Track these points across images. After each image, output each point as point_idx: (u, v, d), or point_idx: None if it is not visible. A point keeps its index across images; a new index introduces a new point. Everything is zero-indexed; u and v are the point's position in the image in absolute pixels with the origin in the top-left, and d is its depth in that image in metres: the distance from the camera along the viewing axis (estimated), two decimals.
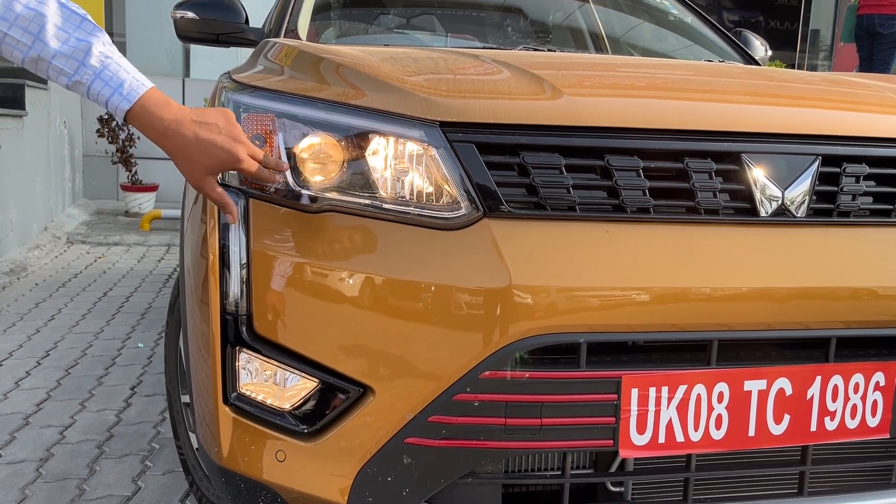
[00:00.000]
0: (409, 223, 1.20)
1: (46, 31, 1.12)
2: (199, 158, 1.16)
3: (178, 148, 1.16)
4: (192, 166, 1.17)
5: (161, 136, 1.16)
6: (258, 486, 1.28)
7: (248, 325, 1.25)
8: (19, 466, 2.11)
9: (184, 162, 1.17)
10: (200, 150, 1.15)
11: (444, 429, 1.17)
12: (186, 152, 1.16)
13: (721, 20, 10.30)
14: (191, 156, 1.16)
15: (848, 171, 1.27)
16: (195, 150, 1.15)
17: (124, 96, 1.14)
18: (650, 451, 1.21)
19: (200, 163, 1.16)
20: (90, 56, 1.14)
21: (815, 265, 1.24)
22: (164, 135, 1.16)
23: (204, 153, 1.15)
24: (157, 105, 1.16)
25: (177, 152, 1.16)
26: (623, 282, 1.18)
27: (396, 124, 1.21)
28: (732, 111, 1.27)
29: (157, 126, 1.16)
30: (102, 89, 1.14)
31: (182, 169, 1.18)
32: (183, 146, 1.16)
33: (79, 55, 1.13)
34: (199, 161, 1.16)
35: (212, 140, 1.15)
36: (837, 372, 1.25)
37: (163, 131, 1.16)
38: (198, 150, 1.15)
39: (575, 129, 1.20)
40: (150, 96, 1.16)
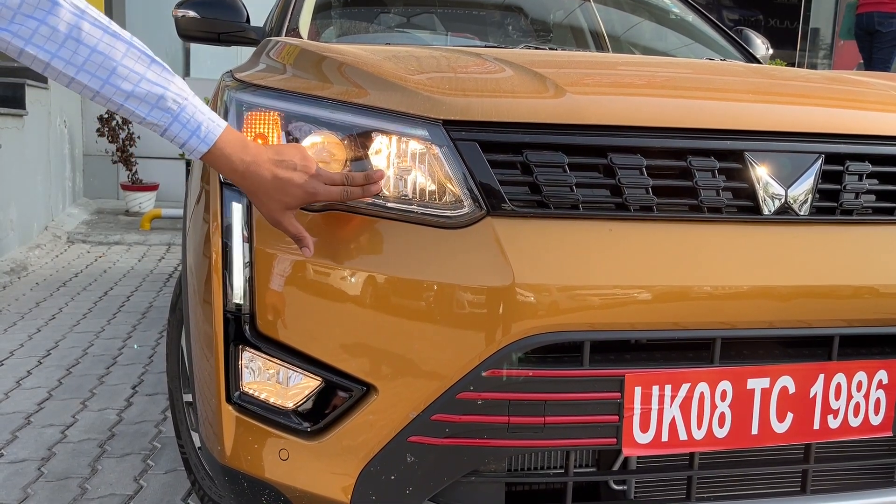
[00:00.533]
0: (412, 222, 1.20)
1: (118, 75, 1.10)
2: (278, 196, 1.16)
3: (257, 187, 1.16)
4: (271, 204, 1.17)
5: (240, 177, 1.17)
6: (261, 484, 1.28)
7: (251, 324, 1.25)
8: (21, 465, 2.11)
9: (262, 200, 1.17)
10: (278, 188, 1.16)
11: (447, 427, 1.17)
12: (264, 191, 1.16)
13: (721, 19, 10.30)
14: (269, 194, 1.16)
15: (851, 170, 1.27)
16: (273, 189, 1.16)
17: (202, 139, 1.14)
18: (653, 450, 1.21)
19: (280, 200, 1.16)
20: (165, 99, 1.13)
21: (818, 263, 1.24)
22: (243, 175, 1.16)
23: (282, 191, 1.16)
24: (233, 146, 1.16)
25: (255, 191, 1.17)
26: (626, 280, 1.17)
27: (399, 123, 1.21)
28: (735, 109, 1.27)
29: (236, 167, 1.16)
30: (180, 132, 1.14)
31: (260, 207, 1.19)
32: (261, 185, 1.16)
33: (152, 99, 1.12)
34: (277, 199, 1.16)
35: (289, 178, 1.16)
36: (840, 370, 1.25)
37: (242, 172, 1.16)
38: (275, 188, 1.16)
39: (578, 128, 1.20)
40: (226, 138, 1.16)
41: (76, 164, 6.47)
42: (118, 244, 5.35)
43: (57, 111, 5.82)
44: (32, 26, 1.05)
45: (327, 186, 1.17)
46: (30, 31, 1.05)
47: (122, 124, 6.18)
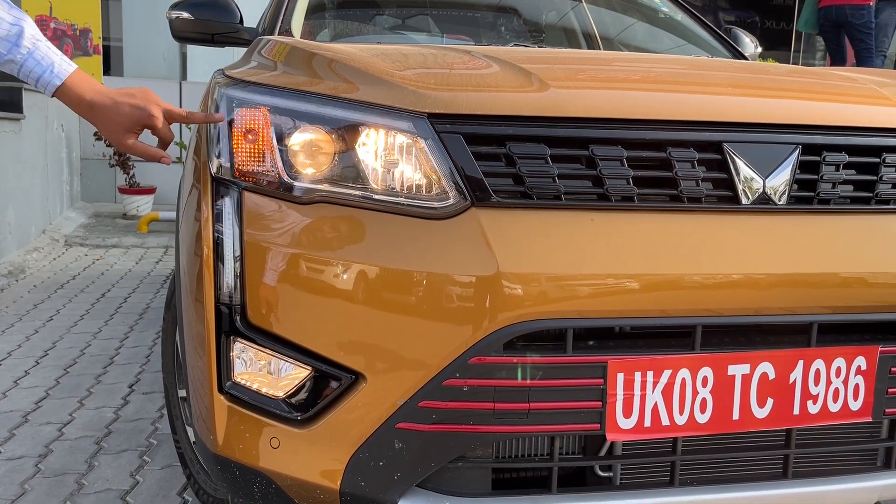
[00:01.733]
0: (398, 213, 1.23)
1: None
2: (118, 118, 1.33)
3: (102, 113, 1.33)
4: (113, 126, 1.34)
5: (88, 106, 1.33)
6: (253, 472, 1.30)
7: (242, 315, 1.28)
8: (18, 462, 2.13)
9: (106, 124, 1.34)
10: (118, 110, 1.33)
11: (434, 414, 1.20)
12: (108, 115, 1.33)
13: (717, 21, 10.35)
14: (110, 117, 1.33)
15: (828, 160, 1.29)
16: (114, 112, 1.33)
17: (55, 74, 1.31)
18: (636, 435, 1.24)
19: (119, 122, 1.33)
20: (22, 38, 1.29)
21: (796, 252, 1.26)
22: (91, 105, 1.33)
23: (122, 114, 1.33)
24: (83, 82, 1.34)
25: (101, 117, 1.33)
26: (608, 269, 1.20)
27: (385, 116, 1.24)
28: (714, 101, 1.30)
29: (84, 98, 1.33)
30: (35, 67, 1.30)
31: (106, 132, 1.35)
32: (104, 110, 1.33)
33: (11, 38, 1.28)
34: (118, 121, 1.33)
35: (127, 101, 1.33)
36: (819, 356, 1.28)
37: (90, 101, 1.33)
38: (116, 110, 1.33)
39: (560, 120, 1.23)
40: (77, 75, 1.34)
41: (74, 167, 6.50)
42: (116, 247, 5.37)
43: (54, 115, 5.85)
44: None
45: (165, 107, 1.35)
46: None
47: None
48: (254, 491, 1.32)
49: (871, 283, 1.28)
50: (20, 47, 1.29)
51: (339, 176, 1.26)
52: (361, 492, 1.24)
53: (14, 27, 1.29)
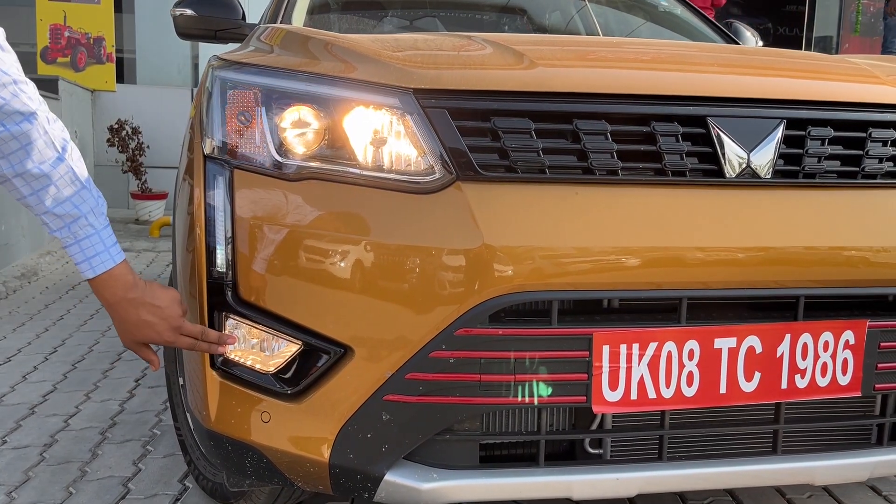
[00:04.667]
0: (385, 188, 1.24)
1: (47, 192, 1.25)
2: (136, 334, 1.35)
3: (122, 321, 1.34)
4: (128, 337, 1.36)
5: (110, 308, 1.34)
6: (245, 447, 1.32)
7: (234, 291, 1.30)
8: (23, 451, 2.16)
9: (122, 330, 1.36)
10: (139, 328, 1.34)
11: (421, 385, 1.21)
12: (126, 326, 1.34)
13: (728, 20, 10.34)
14: (130, 330, 1.35)
15: (813, 135, 1.30)
16: (134, 327, 1.34)
17: (92, 267, 1.29)
18: (623, 408, 1.24)
19: (136, 337, 1.35)
20: (76, 224, 1.27)
21: (781, 226, 1.27)
22: (113, 308, 1.33)
23: (140, 331, 1.34)
24: (116, 281, 1.31)
25: (119, 322, 1.35)
26: (593, 242, 1.21)
27: (372, 92, 1.26)
28: (698, 77, 1.31)
29: (109, 300, 1.32)
30: (76, 254, 1.29)
31: (119, 333, 1.37)
32: (126, 320, 1.34)
33: (67, 219, 1.27)
34: (134, 335, 1.35)
35: (151, 324, 1.33)
36: (807, 330, 1.28)
37: (113, 305, 1.33)
38: (136, 327, 1.34)
39: (544, 95, 1.24)
40: (114, 273, 1.31)
41: None
42: (128, 251, 5.42)
43: (67, 122, 5.93)
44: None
45: (180, 336, 1.33)
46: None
47: (131, 135, 6.28)
48: (246, 466, 1.34)
49: (858, 258, 1.29)
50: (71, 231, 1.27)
51: (328, 152, 1.28)
52: (350, 464, 1.26)
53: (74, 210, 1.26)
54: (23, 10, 6.83)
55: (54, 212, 1.26)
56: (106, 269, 1.30)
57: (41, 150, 1.22)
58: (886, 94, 1.36)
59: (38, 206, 1.25)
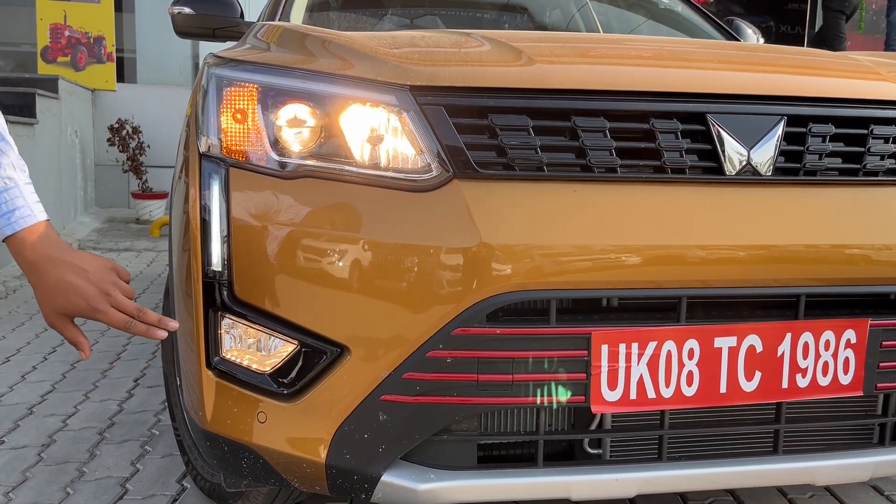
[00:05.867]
0: (382, 186, 1.23)
1: None
2: (57, 299, 1.16)
3: (41, 282, 1.17)
4: (48, 304, 1.17)
5: (28, 266, 1.17)
6: (241, 448, 1.31)
7: (230, 290, 1.29)
8: (21, 451, 2.15)
9: (41, 297, 1.18)
10: (61, 291, 1.15)
11: (417, 385, 1.20)
12: (46, 289, 1.17)
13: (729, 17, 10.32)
14: (50, 294, 1.16)
15: (814, 131, 1.29)
16: (56, 290, 1.16)
17: (10, 222, 1.17)
18: (622, 407, 1.23)
19: (57, 303, 1.16)
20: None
21: (782, 223, 1.26)
22: (31, 265, 1.17)
23: (64, 296, 1.16)
24: (38, 238, 1.18)
25: (39, 286, 1.17)
26: (591, 240, 1.20)
27: (368, 90, 1.25)
28: (697, 74, 1.30)
29: (29, 256, 1.17)
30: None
31: (39, 302, 1.19)
32: (46, 282, 1.16)
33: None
34: (56, 301, 1.16)
35: (76, 286, 1.15)
36: (808, 329, 1.27)
37: (32, 262, 1.17)
38: (58, 290, 1.16)
39: (541, 92, 1.23)
40: (36, 229, 1.18)
41: (87, 173, 6.57)
42: (128, 250, 5.42)
43: (68, 121, 5.93)
44: None
45: (113, 310, 1.16)
46: None
47: (132, 134, 6.28)
48: (242, 467, 1.33)
49: (860, 256, 1.27)
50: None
51: (324, 150, 1.27)
52: (347, 465, 1.24)
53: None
54: (23, 10, 6.82)
55: None
56: (27, 225, 1.16)
57: None
58: (888, 90, 1.34)
59: None
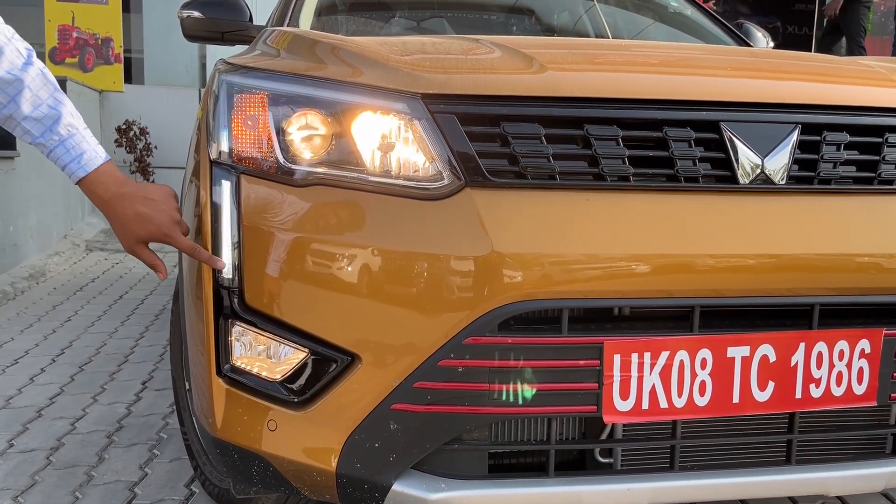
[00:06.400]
0: (393, 194, 1.23)
1: (23, 96, 1.26)
2: (134, 229, 1.29)
3: (119, 216, 1.30)
4: (127, 234, 1.31)
5: (105, 205, 1.30)
6: (251, 455, 1.30)
7: (240, 298, 1.29)
8: (30, 455, 2.15)
9: (120, 229, 1.31)
10: (137, 222, 1.29)
11: (429, 395, 1.19)
12: (123, 222, 1.30)
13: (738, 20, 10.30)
14: (126, 225, 1.30)
15: (828, 140, 1.28)
16: (132, 221, 1.29)
17: (81, 165, 1.29)
18: (634, 417, 1.22)
19: (134, 232, 1.30)
20: (58, 124, 1.28)
21: (795, 232, 1.25)
22: (108, 203, 1.30)
23: (139, 225, 1.29)
24: (108, 177, 1.30)
25: (116, 220, 1.31)
26: (603, 249, 1.19)
27: (380, 98, 1.24)
28: (711, 81, 1.29)
29: (102, 195, 1.30)
30: (63, 155, 1.28)
31: (118, 234, 1.32)
32: (123, 216, 1.30)
33: (47, 121, 1.27)
34: (133, 231, 1.30)
35: (148, 215, 1.29)
36: (821, 339, 1.26)
37: (108, 200, 1.30)
38: (135, 221, 1.29)
39: (554, 100, 1.22)
40: (104, 169, 1.31)
41: None
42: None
43: None
44: None
45: (181, 235, 1.30)
46: None
47: (139, 135, 6.29)
48: (252, 474, 1.33)
49: (875, 265, 1.26)
50: (53, 133, 1.28)
51: (335, 158, 1.26)
52: (357, 473, 1.24)
53: (52, 111, 1.28)
54: (31, 11, 6.84)
55: (33, 116, 1.26)
56: (96, 167, 1.28)
57: (9, 57, 1.24)
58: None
59: (17, 114, 1.25)
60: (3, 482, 1.98)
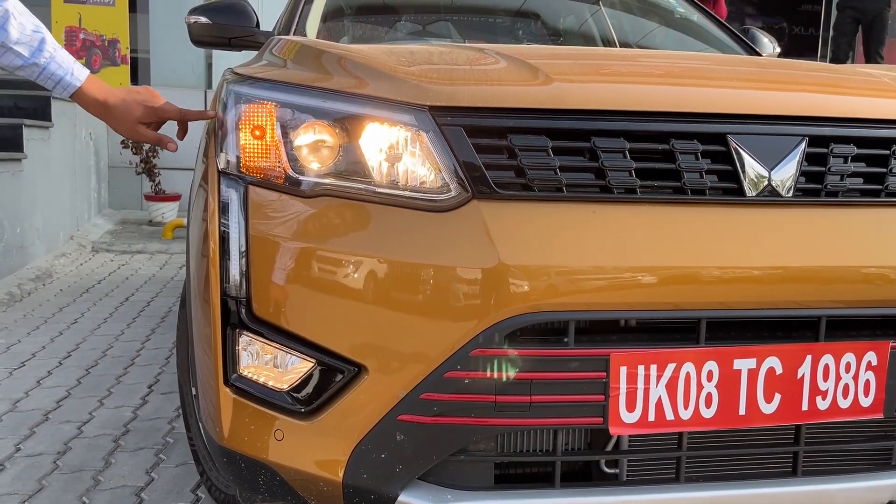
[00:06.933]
0: (400, 206, 1.23)
1: (10, 23, 1.40)
2: (130, 111, 1.48)
3: (113, 109, 1.48)
4: (125, 120, 1.48)
5: (101, 105, 1.48)
6: (258, 465, 1.31)
7: (248, 308, 1.29)
8: (37, 459, 2.16)
9: (119, 119, 1.49)
10: (127, 105, 1.48)
11: (435, 406, 1.20)
12: (119, 111, 1.48)
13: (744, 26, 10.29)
14: (122, 114, 1.48)
15: (835, 152, 1.28)
16: (125, 107, 1.48)
17: (75, 76, 1.45)
18: (640, 429, 1.23)
19: (131, 114, 1.48)
20: (45, 44, 1.43)
21: (803, 245, 1.25)
22: (104, 103, 1.48)
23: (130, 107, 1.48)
24: (96, 82, 1.49)
25: (112, 112, 1.48)
26: (610, 261, 1.20)
27: (388, 109, 1.25)
28: (718, 93, 1.29)
29: (97, 97, 1.48)
30: (57, 70, 1.44)
31: (119, 127, 1.50)
32: (116, 107, 1.48)
33: (35, 43, 1.42)
34: (130, 113, 1.48)
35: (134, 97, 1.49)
36: (828, 351, 1.26)
37: (103, 101, 1.48)
38: (126, 106, 1.48)
39: (561, 112, 1.23)
40: (92, 78, 1.49)
41: (101, 175, 6.61)
42: (141, 252, 5.45)
43: (83, 124, 5.96)
44: None
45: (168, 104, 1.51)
46: None
47: None
48: (259, 483, 1.33)
49: (882, 277, 1.26)
50: (43, 52, 1.41)
51: (343, 169, 1.27)
52: (364, 484, 1.24)
53: (36, 34, 1.42)
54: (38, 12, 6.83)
55: (22, 40, 1.40)
56: (88, 74, 1.47)
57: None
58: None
59: (8, 40, 1.39)
60: (11, 486, 1.99)
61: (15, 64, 1.42)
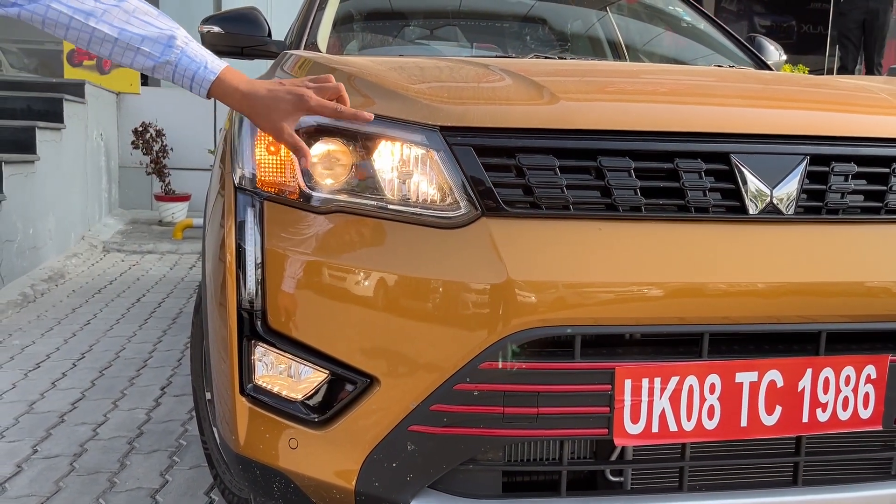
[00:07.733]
0: (412, 222, 1.27)
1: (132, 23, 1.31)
2: (274, 106, 1.31)
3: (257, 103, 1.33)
4: (270, 116, 1.32)
5: (243, 97, 1.34)
6: (272, 472, 1.35)
7: (263, 320, 1.33)
8: (54, 461, 2.21)
9: (262, 116, 1.32)
10: (273, 100, 1.32)
11: (445, 417, 1.24)
12: (264, 105, 1.32)
13: (752, 25, 10.29)
14: (267, 107, 1.32)
15: (836, 170, 1.31)
16: (270, 101, 1.32)
17: (209, 69, 1.33)
18: (644, 440, 1.26)
19: (276, 110, 1.31)
20: (176, 39, 1.32)
21: (804, 261, 1.28)
22: (245, 96, 1.34)
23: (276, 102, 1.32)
24: (234, 73, 1.36)
25: (256, 107, 1.33)
26: (616, 278, 1.23)
27: (400, 129, 1.28)
28: (721, 113, 1.32)
29: (239, 88, 1.34)
30: (189, 64, 1.33)
31: (262, 124, 1.34)
32: (260, 101, 1.33)
33: (164, 39, 1.32)
34: (274, 109, 1.31)
35: (278, 91, 1.33)
36: (828, 365, 1.29)
37: (245, 93, 1.34)
38: (272, 101, 1.32)
39: (568, 132, 1.26)
40: (229, 69, 1.36)
41: (112, 175, 6.67)
42: (151, 253, 5.51)
43: (94, 125, 6.02)
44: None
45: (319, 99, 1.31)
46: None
47: (155, 137, 6.36)
48: (273, 490, 1.37)
49: (881, 293, 1.29)
50: (174, 48, 1.32)
51: (356, 186, 1.31)
52: (375, 492, 1.28)
53: (164, 30, 1.33)
54: None
55: (150, 36, 1.31)
56: (224, 66, 1.35)
57: None
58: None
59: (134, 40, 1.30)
60: (29, 488, 2.04)
61: (147, 65, 1.33)
